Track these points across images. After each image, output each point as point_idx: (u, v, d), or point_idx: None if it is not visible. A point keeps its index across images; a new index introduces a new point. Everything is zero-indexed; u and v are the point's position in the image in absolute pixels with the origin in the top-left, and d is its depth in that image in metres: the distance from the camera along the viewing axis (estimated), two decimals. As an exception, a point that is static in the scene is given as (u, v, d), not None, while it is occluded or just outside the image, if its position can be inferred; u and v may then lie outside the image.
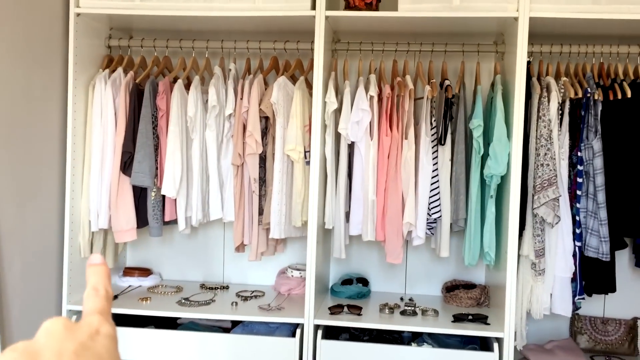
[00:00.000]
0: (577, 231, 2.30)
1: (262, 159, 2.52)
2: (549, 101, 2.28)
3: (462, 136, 2.43)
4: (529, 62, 2.31)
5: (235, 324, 2.57)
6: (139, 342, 2.39)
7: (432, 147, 2.42)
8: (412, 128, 2.42)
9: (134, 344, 2.39)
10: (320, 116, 2.36)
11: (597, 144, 2.27)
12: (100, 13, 2.45)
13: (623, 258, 2.59)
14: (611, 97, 2.33)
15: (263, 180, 2.53)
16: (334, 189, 2.48)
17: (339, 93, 2.50)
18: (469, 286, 2.65)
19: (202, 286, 2.79)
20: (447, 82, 2.46)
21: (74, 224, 2.47)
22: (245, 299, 2.61)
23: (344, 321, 2.37)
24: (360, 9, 2.38)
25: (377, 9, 2.40)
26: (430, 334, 2.43)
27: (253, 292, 2.71)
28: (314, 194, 2.35)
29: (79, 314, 2.44)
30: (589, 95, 2.30)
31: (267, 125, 2.53)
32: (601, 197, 2.25)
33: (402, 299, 2.68)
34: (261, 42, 2.57)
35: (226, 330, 2.55)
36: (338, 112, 2.46)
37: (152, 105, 2.48)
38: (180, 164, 2.45)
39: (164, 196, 2.50)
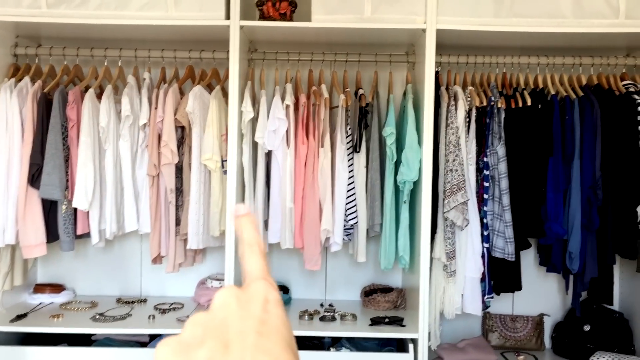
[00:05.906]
0: (485, 233, 2.41)
1: (179, 169, 2.49)
2: (456, 109, 2.39)
3: (377, 144, 2.50)
4: (437, 72, 2.41)
5: (153, 337, 2.52)
6: (51, 361, 2.30)
7: (348, 155, 2.47)
8: (328, 136, 2.46)
9: (45, 363, 2.30)
10: (237, 125, 2.36)
11: (501, 150, 2.39)
12: (5, 20, 2.36)
13: (528, 258, 2.73)
14: (513, 105, 2.47)
15: (180, 191, 2.50)
16: (252, 198, 2.49)
17: (255, 102, 2.51)
18: (387, 290, 2.72)
19: (119, 300, 2.72)
20: (361, 91, 2.52)
21: (-22, 240, 2.35)
22: (164, 311, 2.56)
23: (264, 329, 2.36)
24: (274, 19, 2.41)
25: (291, 19, 2.44)
26: (348, 339, 2.47)
27: (172, 304, 2.66)
28: (232, 203, 2.34)
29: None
30: (493, 103, 2.42)
31: (183, 134, 2.51)
32: (506, 200, 2.37)
33: (322, 304, 2.71)
34: (176, 51, 2.55)
35: (144, 344, 2.49)
36: (255, 121, 2.47)
37: (61, 115, 2.40)
38: (93, 175, 2.38)
39: (75, 209, 2.42)
